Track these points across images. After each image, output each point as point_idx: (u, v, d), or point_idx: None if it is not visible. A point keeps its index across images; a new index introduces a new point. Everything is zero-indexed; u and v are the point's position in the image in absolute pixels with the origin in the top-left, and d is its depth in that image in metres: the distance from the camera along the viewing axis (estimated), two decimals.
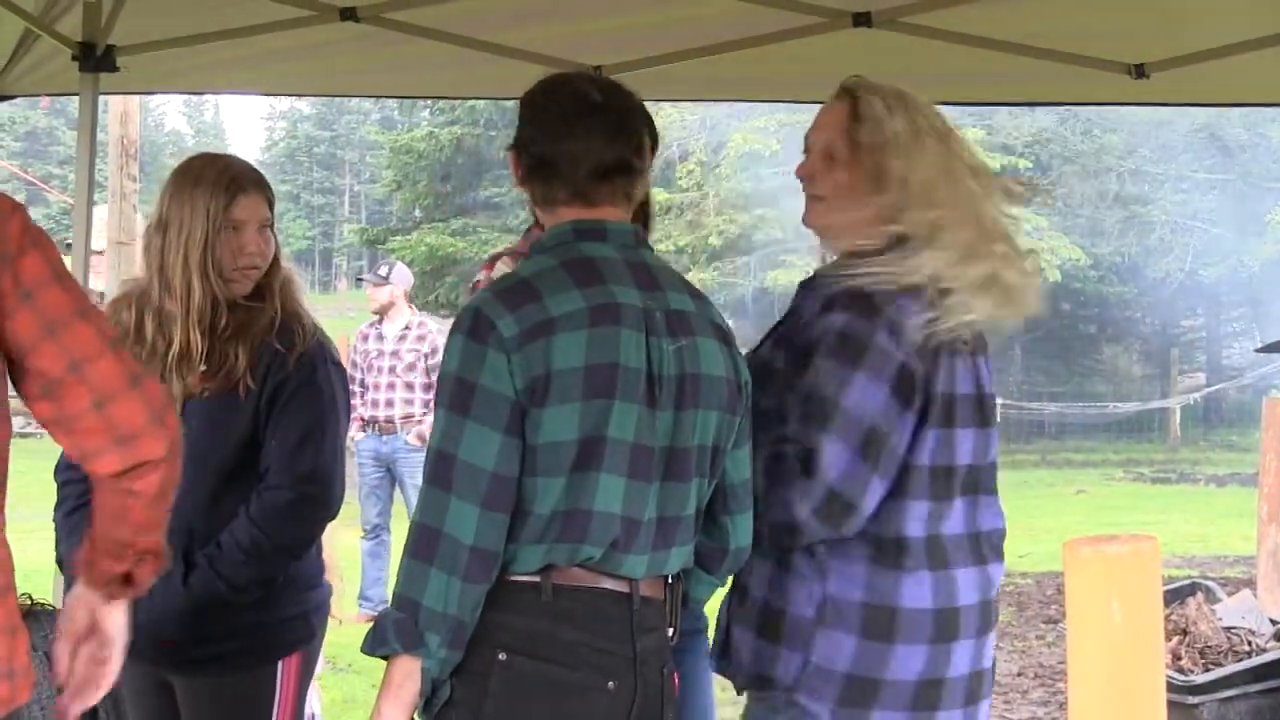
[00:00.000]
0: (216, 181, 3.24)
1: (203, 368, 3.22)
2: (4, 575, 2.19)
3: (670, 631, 2.57)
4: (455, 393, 2.39)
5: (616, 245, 2.51)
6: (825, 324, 2.65)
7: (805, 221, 2.87)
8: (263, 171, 3.41)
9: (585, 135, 2.50)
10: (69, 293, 2.19)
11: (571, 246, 2.50)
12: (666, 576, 2.54)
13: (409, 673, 2.40)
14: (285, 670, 3.27)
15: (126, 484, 2.22)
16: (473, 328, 2.40)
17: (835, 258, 2.91)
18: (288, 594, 3.28)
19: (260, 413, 3.21)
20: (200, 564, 3.16)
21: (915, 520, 2.66)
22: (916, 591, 2.68)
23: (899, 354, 2.63)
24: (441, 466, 2.38)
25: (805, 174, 2.84)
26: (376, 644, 2.41)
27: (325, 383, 3.26)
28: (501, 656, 2.39)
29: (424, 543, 2.37)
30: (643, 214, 3.09)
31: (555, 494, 2.38)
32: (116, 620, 2.35)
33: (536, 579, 2.41)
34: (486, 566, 2.36)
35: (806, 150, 2.85)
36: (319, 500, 3.22)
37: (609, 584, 2.44)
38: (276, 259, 3.33)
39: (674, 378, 2.46)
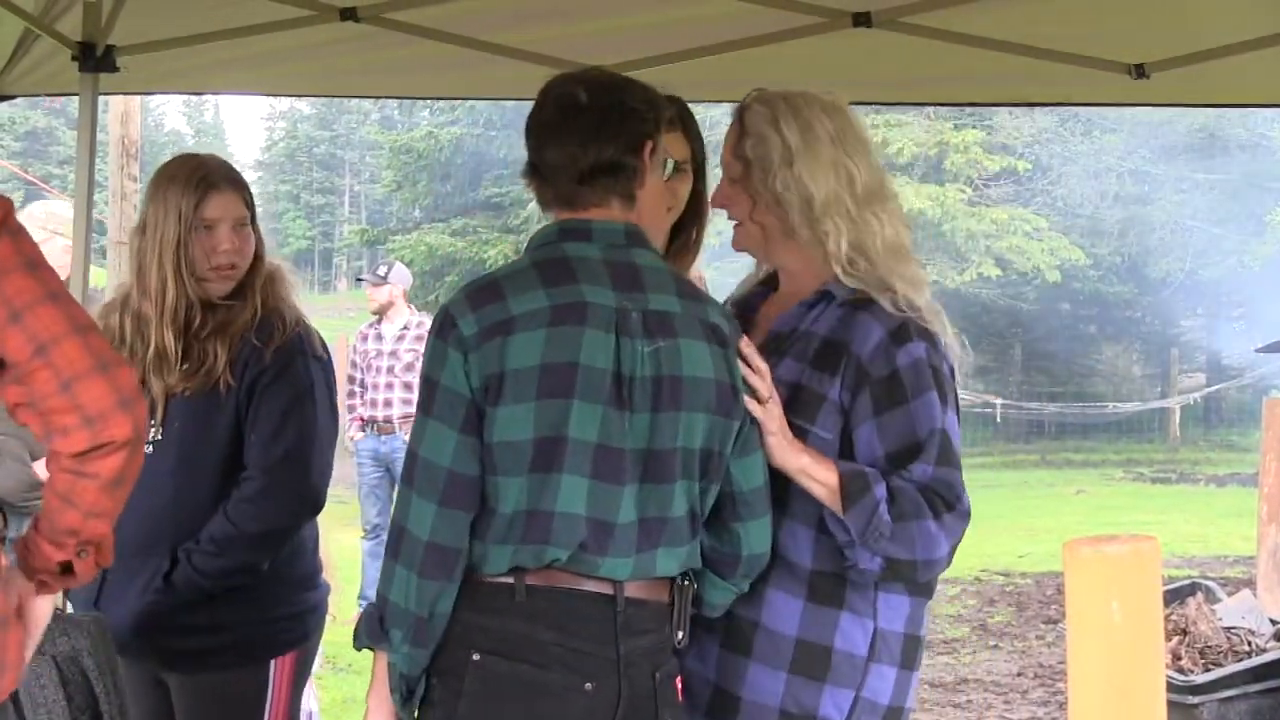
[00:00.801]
0: (187, 181, 3.25)
1: (185, 366, 3.23)
2: None
3: (680, 635, 2.54)
4: (423, 391, 2.44)
5: (602, 245, 2.49)
6: (909, 356, 2.57)
7: (734, 246, 2.81)
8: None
9: (562, 142, 2.49)
10: (38, 279, 2.17)
11: (553, 246, 2.50)
12: (674, 579, 2.53)
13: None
14: (278, 670, 3.28)
15: (85, 464, 2.17)
16: (439, 327, 2.44)
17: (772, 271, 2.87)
18: (280, 593, 3.28)
19: (240, 408, 3.22)
20: (180, 559, 3.17)
21: None
22: (926, 619, 2.72)
23: (957, 387, 2.64)
24: (408, 464, 2.44)
25: (718, 202, 2.77)
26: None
27: (301, 374, 3.26)
28: (475, 657, 2.40)
29: (393, 539, 2.43)
30: (694, 208, 3.04)
31: (515, 493, 2.39)
32: (40, 611, 2.29)
33: (509, 580, 2.41)
34: (444, 564, 2.38)
35: None
36: (288, 489, 3.21)
37: (590, 585, 2.43)
38: (259, 256, 3.33)
39: (649, 379, 2.43)
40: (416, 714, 2.45)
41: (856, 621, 2.61)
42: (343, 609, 7.83)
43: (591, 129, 2.49)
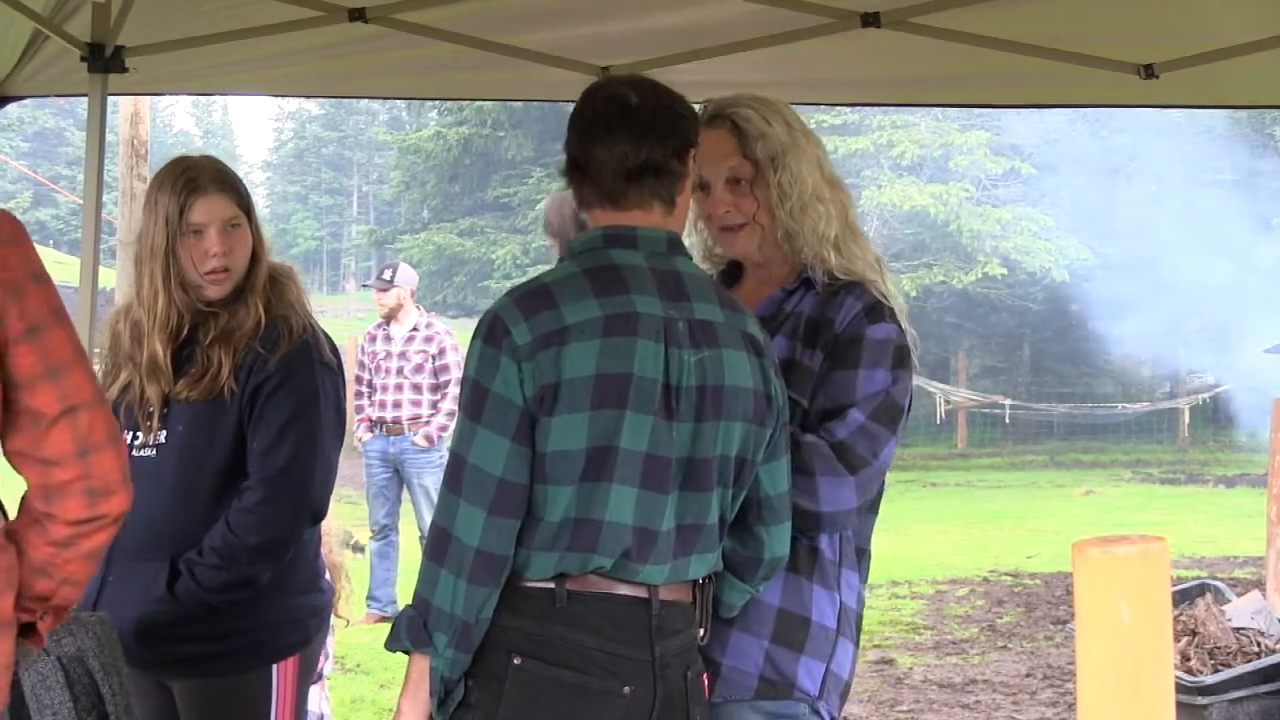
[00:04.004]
0: (173, 186, 3.22)
1: (190, 372, 3.22)
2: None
3: (700, 633, 2.57)
4: (470, 397, 2.43)
5: (647, 252, 2.52)
6: (879, 332, 2.70)
7: (733, 251, 2.87)
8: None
9: (612, 139, 2.50)
10: (69, 334, 2.16)
11: (599, 253, 2.51)
12: (696, 579, 2.55)
13: (425, 670, 2.44)
14: (281, 674, 3.26)
15: (77, 537, 2.16)
16: (489, 333, 2.44)
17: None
18: (280, 598, 3.26)
19: (244, 415, 3.21)
20: (182, 571, 3.16)
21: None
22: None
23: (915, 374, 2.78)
24: (454, 469, 2.43)
25: (718, 209, 2.81)
26: (392, 640, 2.47)
27: (305, 382, 3.23)
28: (516, 660, 2.42)
29: (436, 544, 2.42)
30: None
31: (565, 502, 2.40)
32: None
33: (550, 585, 2.43)
34: (492, 570, 2.39)
35: (703, 187, 2.81)
36: (289, 498, 3.19)
37: (625, 590, 2.45)
38: (257, 257, 3.30)
39: (694, 389, 2.45)
40: (451, 717, 2.45)
41: (826, 595, 2.71)
42: (351, 610, 7.83)
43: (643, 129, 2.50)
